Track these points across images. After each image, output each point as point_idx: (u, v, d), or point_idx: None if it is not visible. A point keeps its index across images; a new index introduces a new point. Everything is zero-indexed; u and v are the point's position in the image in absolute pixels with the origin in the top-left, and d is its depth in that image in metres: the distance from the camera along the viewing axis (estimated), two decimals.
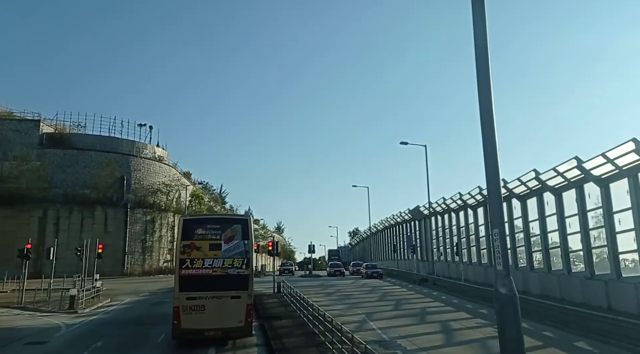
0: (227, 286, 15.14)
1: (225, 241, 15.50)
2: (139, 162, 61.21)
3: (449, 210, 45.00)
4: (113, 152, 59.24)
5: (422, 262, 49.65)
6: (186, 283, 14.99)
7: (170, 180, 63.89)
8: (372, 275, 46.09)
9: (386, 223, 72.00)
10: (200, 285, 14.97)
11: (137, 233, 58.69)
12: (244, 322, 15.02)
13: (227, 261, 15.31)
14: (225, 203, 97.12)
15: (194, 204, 71.51)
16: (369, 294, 32.35)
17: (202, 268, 15.14)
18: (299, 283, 39.66)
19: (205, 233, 15.69)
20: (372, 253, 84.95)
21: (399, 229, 66.53)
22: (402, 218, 61.45)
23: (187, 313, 14.74)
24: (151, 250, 59.65)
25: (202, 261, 15.17)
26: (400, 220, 63.67)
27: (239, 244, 15.60)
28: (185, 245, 15.32)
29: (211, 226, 15.96)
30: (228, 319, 14.87)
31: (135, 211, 59.06)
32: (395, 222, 67.10)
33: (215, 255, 15.30)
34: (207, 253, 15.26)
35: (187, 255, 15.21)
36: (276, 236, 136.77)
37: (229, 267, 15.28)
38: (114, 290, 34.06)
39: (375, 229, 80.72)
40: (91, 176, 57.11)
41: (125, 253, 55.60)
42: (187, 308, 14.76)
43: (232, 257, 15.42)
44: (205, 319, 14.74)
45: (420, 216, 53.92)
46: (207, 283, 15.01)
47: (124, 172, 59.46)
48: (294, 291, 25.62)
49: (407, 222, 60.80)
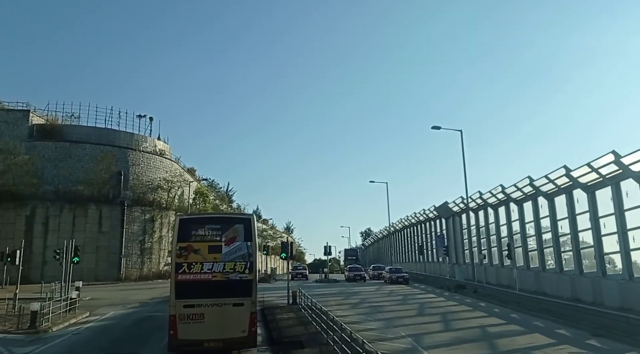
0: (228, 293, 13.87)
1: (226, 243, 14.16)
2: (138, 155, 56.18)
3: (485, 206, 39.41)
4: (109, 144, 54.24)
5: (456, 266, 43.80)
6: (183, 289, 13.67)
7: (172, 176, 58.80)
8: (397, 280, 40.79)
9: (406, 222, 66.42)
10: (198, 291, 13.68)
11: (134, 233, 53.63)
12: (248, 332, 13.75)
13: (228, 265, 14.03)
14: (232, 202, 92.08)
15: (198, 202, 66.39)
16: (403, 305, 26.94)
17: (201, 273, 13.82)
18: (315, 290, 34.31)
19: (204, 234, 14.32)
20: (391, 254, 79.43)
21: (421, 228, 61.00)
22: (426, 216, 55.89)
23: (185, 323, 13.45)
24: (150, 252, 54.56)
25: (201, 265, 13.87)
26: (423, 218, 58.11)
27: (241, 246, 14.24)
28: (182, 248, 14.01)
29: (210, 226, 14.51)
30: (230, 329, 13.57)
31: (133, 209, 54.02)
32: (416, 221, 61.55)
33: (215, 258, 14.01)
34: (206, 257, 13.99)
35: (183, 258, 13.90)
36: (286, 237, 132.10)
37: (230, 272, 14.00)
38: (99, 300, 28.95)
39: (393, 228, 75.22)
40: (85, 171, 52.12)
41: (121, 256, 50.43)
42: (184, 317, 13.48)
43: (234, 261, 14.12)
44: (204, 329, 13.48)
45: (448, 213, 48.36)
46: (207, 289, 13.73)
47: (122, 167, 54.45)
48: (313, 302, 20.50)
49: (432, 220, 55.22)
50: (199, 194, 66.70)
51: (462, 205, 43.67)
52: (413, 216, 60.93)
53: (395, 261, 73.46)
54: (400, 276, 41.54)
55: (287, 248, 26.59)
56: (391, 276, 42.33)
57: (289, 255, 26.49)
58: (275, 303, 26.51)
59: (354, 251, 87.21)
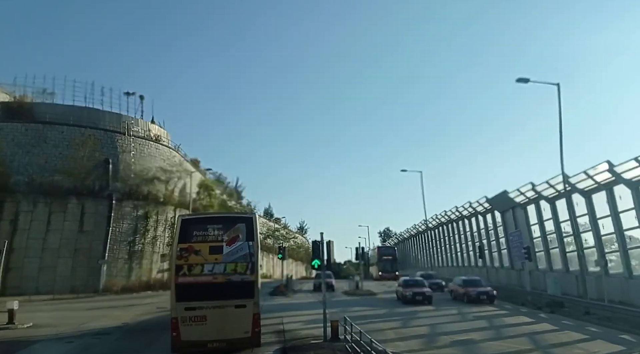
0: (230, 295, 13.67)
1: (227, 243, 14.11)
2: (128, 141, 47.31)
3: (570, 192, 29.77)
4: (92, 127, 45.40)
5: (549, 274, 33.03)
6: (184, 292, 13.57)
7: (171, 165, 49.88)
8: (478, 298, 27.60)
9: (443, 218, 56.82)
10: (199, 293, 13.53)
11: (123, 233, 44.75)
12: (251, 333, 13.69)
13: (229, 267, 13.94)
14: (241, 199, 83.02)
15: (203, 196, 57.45)
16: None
17: (201, 275, 13.77)
18: (356, 310, 24.96)
19: (205, 235, 14.15)
20: (424, 257, 69.79)
21: (464, 224, 51.41)
22: (472, 209, 46.29)
23: (187, 325, 13.37)
24: (141, 256, 45.56)
25: (202, 267, 13.82)
26: (468, 213, 48.50)
27: (242, 246, 14.06)
28: (183, 249, 13.91)
29: (212, 226, 14.37)
30: (233, 330, 13.48)
31: (123, 204, 45.16)
32: (457, 216, 51.97)
33: (216, 259, 13.94)
34: (206, 258, 13.89)
35: (184, 260, 13.82)
36: (299, 238, 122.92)
37: (231, 273, 13.89)
38: (41, 328, 19.77)
39: (425, 227, 65.67)
40: (63, 158, 43.36)
41: (99, 262, 41.32)
42: (186, 319, 13.41)
43: (235, 261, 13.99)
44: (207, 330, 13.34)
45: (507, 205, 38.77)
46: (208, 291, 13.58)
47: (109, 154, 45.63)
48: None
49: (480, 215, 45.59)
50: (204, 188, 57.75)
51: (531, 193, 34.08)
52: (454, 211, 51.36)
53: (429, 265, 63.88)
54: (483, 292, 27.94)
55: (321, 250, 17.21)
56: (468, 291, 28.28)
57: (324, 262, 17.20)
58: (302, 335, 17.28)
59: (390, 250, 66.92)
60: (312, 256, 17.85)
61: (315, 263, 17.35)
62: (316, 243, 17.49)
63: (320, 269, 17.82)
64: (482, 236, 46.20)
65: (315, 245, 17.42)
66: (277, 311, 24.53)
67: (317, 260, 17.31)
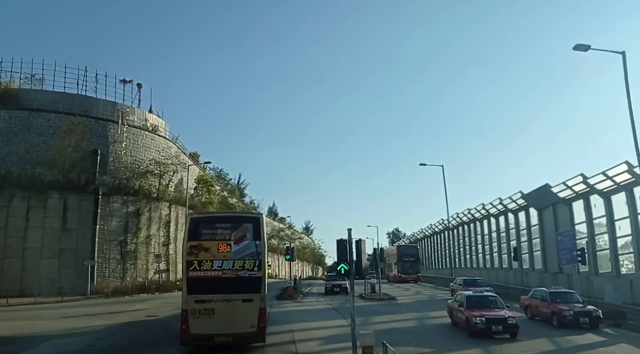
0: (238, 289, 14.04)
1: (235, 242, 14.41)
2: (122, 130, 42.98)
3: (632, 184, 25.16)
4: (83, 115, 41.09)
5: (612, 278, 27.86)
6: (194, 285, 14.04)
7: (167, 158, 45.47)
8: (576, 321, 18.83)
9: (464, 218, 52.18)
10: (209, 287, 13.94)
11: (113, 231, 40.34)
12: (257, 327, 13.96)
13: (237, 263, 14.23)
14: (244, 196, 78.68)
15: (201, 192, 53.06)
16: None
17: (211, 271, 14.07)
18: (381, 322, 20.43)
19: (214, 233, 14.57)
20: (441, 258, 65.14)
21: (489, 223, 46.77)
22: (502, 207, 41.61)
23: (196, 317, 13.81)
24: (135, 255, 41.17)
25: (211, 263, 14.11)
26: (496, 211, 43.83)
27: (250, 245, 14.44)
28: (193, 246, 14.25)
29: (220, 225, 14.81)
30: (239, 324, 13.83)
31: (111, 199, 40.76)
32: (482, 215, 47.30)
33: (225, 256, 14.24)
34: (215, 255, 14.18)
35: (194, 256, 14.11)
36: (305, 238, 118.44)
37: (239, 269, 14.19)
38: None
39: (441, 227, 60.99)
40: (47, 148, 39.05)
41: (84, 263, 36.79)
42: (196, 311, 13.83)
43: (243, 259, 14.28)
44: (215, 323, 13.77)
45: (547, 200, 34.16)
46: (217, 285, 13.97)
47: (98, 144, 41.32)
48: None
49: (513, 212, 40.91)
50: (202, 183, 53.38)
51: (581, 187, 29.44)
52: (478, 209, 46.67)
53: (446, 266, 59.20)
54: (583, 312, 19.13)
55: (349, 251, 12.64)
56: (558, 310, 19.46)
57: (353, 268, 12.63)
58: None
59: (412, 250, 58.10)
60: (338, 259, 13.22)
61: (341, 268, 12.73)
62: (342, 243, 12.91)
63: (349, 276, 13.21)
64: (512, 236, 41.52)
65: (342, 245, 12.83)
66: (286, 322, 20.14)
67: (344, 264, 12.73)
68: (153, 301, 30.54)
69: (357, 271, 12.69)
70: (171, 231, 44.89)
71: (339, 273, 13.97)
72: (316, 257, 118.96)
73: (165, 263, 43.37)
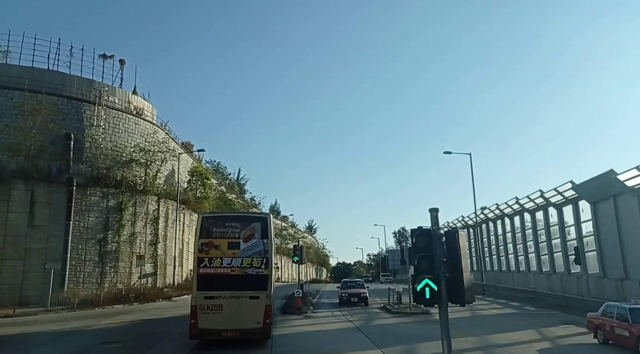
0: (245, 286, 14.73)
1: (244, 240, 15.17)
2: (99, 112, 37.12)
3: None
4: (54, 93, 35.32)
5: None
6: (204, 282, 14.71)
7: (153, 144, 39.60)
8: None
9: (489, 214, 46.32)
10: (218, 284, 14.65)
11: (90, 228, 34.47)
12: (262, 323, 14.57)
13: (245, 261, 14.98)
14: (244, 193, 72.76)
15: (195, 186, 47.24)
16: None
17: (221, 268, 14.86)
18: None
19: (224, 231, 15.36)
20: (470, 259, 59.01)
21: (522, 220, 40.92)
22: (544, 200, 35.70)
23: (205, 313, 14.44)
24: (116, 257, 35.26)
25: (221, 260, 14.91)
26: (532, 206, 37.98)
27: (258, 243, 15.19)
28: (204, 243, 15.09)
29: (230, 224, 15.61)
30: (246, 320, 14.49)
31: (88, 191, 34.90)
32: (513, 210, 41.45)
33: (234, 253, 15.00)
34: (225, 252, 14.99)
35: (205, 253, 14.95)
36: (308, 237, 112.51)
37: (247, 267, 14.93)
38: None
39: (460, 224, 55.15)
40: (9, 131, 33.26)
41: (45, 266, 30.91)
42: (204, 307, 14.48)
43: (251, 256, 15.03)
44: (223, 319, 14.42)
45: (606, 192, 28.29)
46: (225, 282, 14.70)
47: (72, 127, 35.51)
48: None
49: (556, 206, 35.03)
50: (197, 175, 47.54)
51: None
52: (512, 204, 40.73)
53: (474, 269, 53.31)
54: None
55: (438, 251, 6.86)
56: None
57: (442, 287, 6.81)
58: None
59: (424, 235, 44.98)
60: (416, 269, 7.27)
61: (425, 288, 6.89)
62: (424, 236, 7.10)
63: (438, 301, 7.31)
64: (554, 234, 35.63)
65: (423, 239, 7.04)
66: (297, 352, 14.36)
67: (429, 278, 6.91)
68: (127, 315, 24.64)
69: (454, 289, 6.81)
70: (160, 229, 38.99)
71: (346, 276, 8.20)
72: (320, 258, 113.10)
73: (152, 265, 37.57)
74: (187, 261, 44.38)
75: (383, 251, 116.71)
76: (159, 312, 26.17)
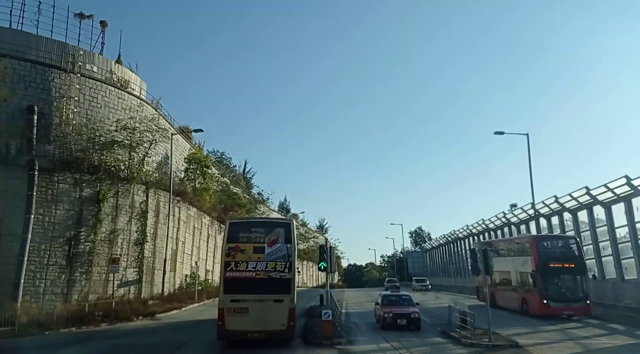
0: (270, 290, 15.44)
1: (268, 245, 15.88)
2: (73, 82, 30.08)
3: None
4: (14, 56, 28.32)
5: None
6: (230, 285, 15.54)
7: (139, 122, 32.40)
8: None
9: (544, 209, 38.59)
10: (244, 287, 15.45)
11: (58, 223, 27.33)
12: (287, 325, 15.25)
13: (269, 265, 15.71)
14: (250, 188, 65.51)
15: (194, 175, 40.16)
16: None
17: (246, 271, 15.64)
18: None
19: (249, 236, 16.16)
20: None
21: (592, 215, 33.19)
22: (631, 188, 28.09)
23: (231, 315, 15.21)
24: (89, 260, 28.05)
25: (246, 264, 15.68)
26: (610, 197, 30.36)
27: (281, 248, 15.88)
28: (231, 248, 15.93)
29: (255, 229, 16.45)
30: (271, 322, 15.18)
31: (56, 177, 27.84)
32: (580, 203, 33.76)
33: (259, 258, 15.74)
34: (250, 256, 15.79)
35: (231, 257, 15.78)
36: (320, 237, 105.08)
37: (271, 270, 15.65)
38: None
39: (499, 222, 47.51)
40: None
41: (21, 270, 24.10)
42: (231, 310, 15.25)
43: (275, 260, 15.76)
44: (248, 321, 15.14)
45: None
46: (251, 286, 15.46)
47: (37, 99, 28.53)
48: None
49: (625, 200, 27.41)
50: (195, 163, 40.42)
51: None
52: (578, 196, 32.96)
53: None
54: None
55: None
56: None
57: None
58: None
59: (569, 245, 27.80)
60: None
61: None
62: None
63: None
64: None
65: None
66: None
67: None
68: (68, 349, 17.46)
69: None
70: (149, 225, 31.86)
71: None
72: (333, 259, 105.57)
73: (137, 270, 30.42)
74: (183, 265, 37.28)
75: (397, 252, 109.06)
76: (129, 339, 19.21)
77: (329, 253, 18.92)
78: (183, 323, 24.27)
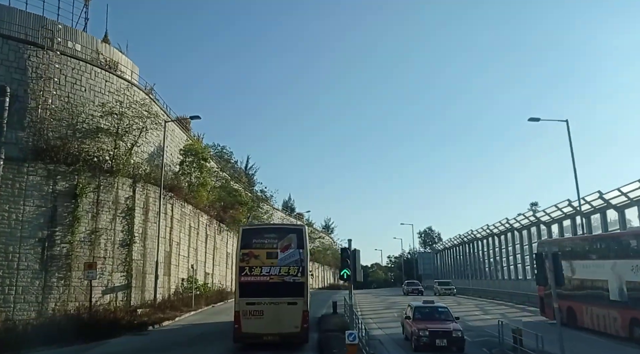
0: (283, 293, 15.80)
1: (281, 250, 16.23)
2: (52, 60, 26.33)
3: None
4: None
5: None
6: (246, 289, 15.99)
7: (127, 107, 28.57)
8: None
9: (585, 206, 34.59)
10: (258, 291, 15.86)
11: (27, 222, 23.56)
12: (300, 328, 15.69)
13: (283, 269, 16.07)
14: (253, 185, 61.63)
15: (190, 169, 36.39)
16: None
17: (260, 276, 16.08)
18: None
19: (262, 242, 16.57)
20: None
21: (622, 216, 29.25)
22: None
23: (247, 318, 15.64)
24: (67, 264, 24.25)
25: (260, 268, 16.10)
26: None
27: (294, 253, 16.21)
28: (245, 253, 16.31)
29: (268, 235, 16.87)
30: (285, 324, 15.55)
31: (26, 168, 24.10)
32: (624, 200, 29.76)
33: (272, 263, 16.15)
34: (264, 261, 16.18)
35: (246, 262, 16.23)
36: (326, 238, 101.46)
37: (285, 275, 16.03)
38: None
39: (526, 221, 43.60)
40: None
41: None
42: (247, 313, 15.68)
43: (288, 265, 16.10)
44: (263, 324, 15.54)
45: None
46: (265, 289, 15.87)
47: (9, 80, 24.85)
48: None
49: None
50: (191, 155, 36.62)
51: None
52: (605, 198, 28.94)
53: None
54: None
55: None
56: None
57: None
58: None
59: None
60: None
61: None
62: None
63: None
64: None
65: None
66: None
67: None
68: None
69: None
70: (136, 224, 28.07)
71: None
72: (338, 260, 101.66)
73: (124, 275, 26.64)
74: (179, 268, 33.52)
75: (405, 253, 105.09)
76: None
77: (352, 257, 15.07)
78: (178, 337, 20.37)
